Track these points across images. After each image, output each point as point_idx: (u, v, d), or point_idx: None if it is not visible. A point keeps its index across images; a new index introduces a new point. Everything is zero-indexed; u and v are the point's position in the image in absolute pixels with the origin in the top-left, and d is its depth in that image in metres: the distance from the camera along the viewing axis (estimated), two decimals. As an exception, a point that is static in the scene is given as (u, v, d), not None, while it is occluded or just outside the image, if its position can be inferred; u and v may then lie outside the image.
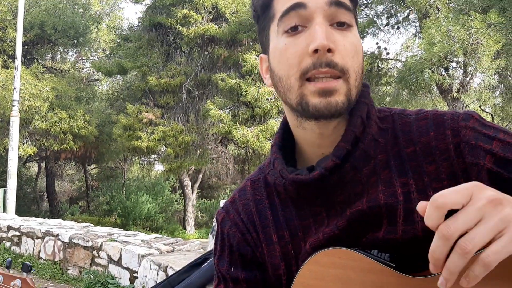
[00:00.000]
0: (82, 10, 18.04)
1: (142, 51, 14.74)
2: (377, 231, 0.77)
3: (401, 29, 13.96)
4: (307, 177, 0.78)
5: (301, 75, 0.74)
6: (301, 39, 0.74)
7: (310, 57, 0.72)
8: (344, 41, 0.74)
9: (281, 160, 0.84)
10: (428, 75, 9.56)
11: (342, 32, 0.75)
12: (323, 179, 0.77)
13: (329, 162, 0.76)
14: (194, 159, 14.34)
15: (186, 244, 6.34)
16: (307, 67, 0.73)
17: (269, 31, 0.81)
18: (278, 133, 0.90)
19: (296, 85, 0.75)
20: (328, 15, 0.74)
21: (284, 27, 0.76)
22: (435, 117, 0.80)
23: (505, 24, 4.89)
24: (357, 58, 0.76)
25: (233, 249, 0.90)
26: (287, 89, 0.77)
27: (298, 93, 0.75)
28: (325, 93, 0.73)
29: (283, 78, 0.77)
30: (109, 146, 17.59)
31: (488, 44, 8.70)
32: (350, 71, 0.74)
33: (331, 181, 0.78)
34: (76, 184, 27.18)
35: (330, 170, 0.76)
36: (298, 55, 0.74)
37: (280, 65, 0.78)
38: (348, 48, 0.74)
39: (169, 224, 18.81)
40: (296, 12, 0.74)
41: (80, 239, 6.47)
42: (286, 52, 0.76)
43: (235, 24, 12.77)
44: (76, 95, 16.49)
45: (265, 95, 11.75)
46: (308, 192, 0.80)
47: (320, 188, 0.79)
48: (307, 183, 0.78)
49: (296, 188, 0.81)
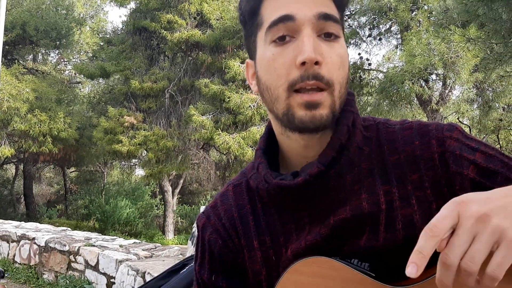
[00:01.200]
0: (66, 12, 17.86)
1: (125, 54, 14.65)
2: (359, 239, 0.77)
3: (383, 40, 14.16)
4: (291, 182, 0.78)
5: (288, 86, 0.74)
6: (289, 50, 0.74)
7: (298, 69, 0.73)
8: (331, 52, 0.75)
9: (266, 164, 0.84)
10: (409, 86, 9.71)
11: (329, 43, 0.75)
12: (307, 185, 0.77)
13: (314, 168, 0.77)
14: (175, 164, 14.26)
15: (165, 249, 6.29)
16: (295, 79, 0.73)
17: (256, 38, 0.81)
18: (263, 138, 0.90)
19: (283, 96, 0.75)
20: (316, 27, 0.74)
21: (271, 37, 0.76)
22: (419, 127, 0.81)
23: (484, 39, 5.01)
24: (343, 69, 0.76)
25: (214, 255, 0.89)
26: (275, 99, 0.77)
27: (285, 104, 0.75)
28: (311, 106, 0.73)
29: (271, 87, 0.77)
30: (89, 149, 17.38)
31: (467, 58, 8.88)
32: (335, 83, 0.74)
33: (315, 187, 0.78)
34: (54, 187, 26.77)
35: (314, 176, 0.76)
36: (286, 66, 0.74)
37: (267, 75, 0.78)
38: (335, 60, 0.75)
39: (148, 229, 18.63)
40: (284, 24, 0.74)
41: (57, 243, 6.37)
42: (274, 62, 0.76)
43: (220, 31, 12.79)
44: (57, 97, 16.27)
45: (247, 102, 11.77)
46: (291, 198, 0.80)
47: (304, 194, 0.79)
48: (291, 188, 0.78)
49: (280, 193, 0.80)
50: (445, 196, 0.75)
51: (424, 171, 0.77)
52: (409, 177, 0.78)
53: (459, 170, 0.75)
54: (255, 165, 0.87)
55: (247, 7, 0.82)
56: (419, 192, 0.77)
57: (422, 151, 0.78)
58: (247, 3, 0.81)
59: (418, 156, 0.78)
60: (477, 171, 0.75)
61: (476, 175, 0.75)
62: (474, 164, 0.75)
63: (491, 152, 0.76)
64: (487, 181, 0.74)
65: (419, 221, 0.75)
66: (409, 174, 0.78)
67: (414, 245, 0.75)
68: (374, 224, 0.77)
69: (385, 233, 0.76)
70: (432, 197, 0.76)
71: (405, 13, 11.05)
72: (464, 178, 0.75)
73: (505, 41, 4.59)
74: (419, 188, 0.77)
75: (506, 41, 4.58)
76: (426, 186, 0.77)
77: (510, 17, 4.38)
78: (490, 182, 0.74)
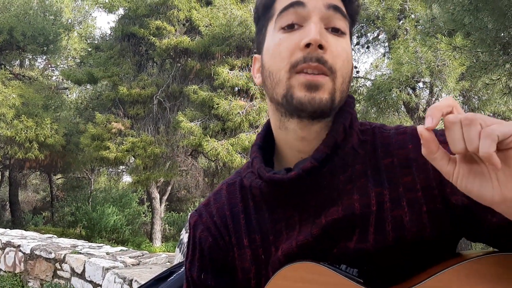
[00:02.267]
0: (53, 18, 17.74)
1: (114, 60, 14.59)
2: (349, 240, 0.77)
3: (371, 48, 14.29)
4: (284, 176, 0.78)
5: (290, 67, 0.75)
6: (295, 36, 0.76)
7: (302, 51, 0.74)
8: (336, 44, 0.76)
9: (260, 158, 0.85)
10: (396, 94, 9.80)
11: (335, 37, 0.77)
12: (299, 180, 0.77)
13: (307, 163, 0.77)
14: (163, 171, 14.19)
15: (153, 257, 6.24)
16: (298, 60, 0.74)
17: (266, 30, 0.83)
18: (260, 134, 0.91)
19: (285, 78, 0.76)
20: (325, 18, 0.76)
21: (281, 23, 0.78)
22: (414, 132, 0.82)
23: (470, 47, 5.07)
24: (347, 64, 0.78)
25: (204, 253, 0.89)
26: (276, 83, 0.78)
27: (286, 85, 0.76)
28: (311, 87, 0.74)
29: (273, 71, 0.78)
30: (76, 155, 17.21)
31: (453, 66, 8.99)
32: (338, 73, 0.75)
33: (307, 184, 0.78)
34: (40, 194, 26.47)
35: (307, 172, 0.77)
36: (290, 49, 0.76)
37: (272, 60, 0.79)
38: (340, 52, 0.76)
39: (136, 236, 18.48)
40: (295, 9, 0.76)
41: (43, 251, 6.29)
42: (280, 46, 0.77)
43: (209, 38, 12.80)
44: (44, 103, 16.12)
45: (236, 108, 11.77)
46: (283, 193, 0.81)
47: (296, 189, 0.79)
48: (283, 182, 0.78)
49: (272, 188, 0.81)
50: (435, 198, 0.75)
51: (416, 173, 0.78)
52: (401, 179, 0.79)
53: None
54: (250, 159, 0.88)
55: (262, 1, 0.84)
56: (410, 194, 0.77)
57: (416, 155, 0.79)
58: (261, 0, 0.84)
59: (411, 159, 0.79)
60: None
61: None
62: None
63: None
64: None
65: (409, 223, 0.75)
66: (402, 176, 0.79)
67: (403, 247, 0.75)
68: (364, 225, 0.77)
69: (374, 235, 0.76)
70: (423, 200, 0.76)
71: (393, 21, 11.16)
72: None
73: (490, 50, 4.65)
74: (411, 190, 0.77)
75: (491, 50, 4.65)
76: (417, 188, 0.77)
77: (495, 26, 4.45)
78: None
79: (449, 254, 0.75)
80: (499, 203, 0.57)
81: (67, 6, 19.12)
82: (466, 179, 0.59)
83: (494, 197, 0.57)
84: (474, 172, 0.59)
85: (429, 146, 0.60)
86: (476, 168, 0.59)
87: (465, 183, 0.60)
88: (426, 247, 0.75)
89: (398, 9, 11.18)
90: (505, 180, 0.56)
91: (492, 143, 0.53)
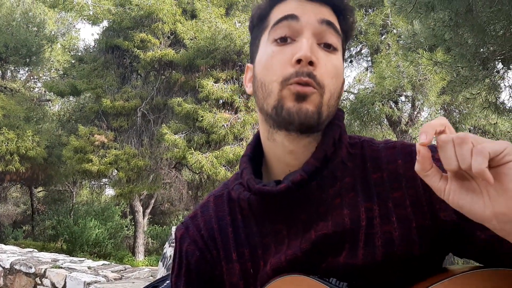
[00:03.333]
0: (37, 29, 17.61)
1: (97, 72, 14.51)
2: (339, 255, 0.77)
3: (354, 63, 14.48)
4: (273, 188, 0.78)
5: (283, 80, 0.76)
6: (288, 50, 0.77)
7: (293, 66, 0.75)
8: (327, 61, 0.77)
9: (250, 170, 0.84)
10: (379, 107, 9.91)
11: (327, 53, 0.78)
12: (288, 193, 0.77)
13: (297, 176, 0.77)
14: (147, 184, 14.08)
15: (135, 271, 6.16)
16: (290, 74, 0.75)
17: (259, 41, 0.84)
18: (250, 145, 0.91)
19: (276, 89, 0.77)
20: (317, 33, 0.77)
21: (274, 35, 0.79)
22: (403, 147, 0.83)
23: (450, 62, 5.16)
24: (336, 80, 0.78)
25: (190, 267, 0.88)
26: (267, 94, 0.78)
27: (277, 97, 0.77)
28: (300, 97, 0.75)
29: (265, 83, 0.79)
30: (58, 168, 16.99)
31: (434, 80, 9.14)
32: (326, 89, 0.76)
33: (296, 197, 0.78)
34: (21, 208, 25.96)
35: (297, 184, 0.77)
36: (282, 63, 0.77)
37: (264, 71, 0.80)
38: (329, 68, 0.77)
39: (118, 250, 18.22)
40: (288, 22, 0.78)
41: (23, 265, 6.17)
42: (272, 59, 0.78)
43: (193, 50, 12.83)
44: (26, 115, 15.93)
45: (221, 121, 11.78)
46: (272, 206, 0.80)
47: (285, 202, 0.79)
48: (273, 195, 0.78)
49: (261, 200, 0.80)
50: (425, 215, 0.76)
51: (405, 189, 0.78)
52: (390, 194, 0.79)
53: None
54: (240, 170, 0.87)
55: (257, 12, 0.86)
56: (400, 210, 0.78)
57: (405, 170, 0.79)
58: (258, 8, 0.85)
59: (400, 174, 0.79)
60: None
61: None
62: None
63: None
64: None
65: (398, 238, 0.76)
66: (391, 191, 0.79)
67: (392, 262, 0.76)
68: (354, 241, 0.77)
69: (364, 250, 0.76)
70: (413, 216, 0.77)
71: (375, 36, 11.33)
72: None
73: (470, 65, 4.74)
74: (400, 206, 0.78)
75: (471, 65, 4.74)
76: (407, 204, 0.78)
77: (475, 42, 4.54)
78: None
79: (436, 270, 0.76)
80: (490, 219, 0.59)
81: (51, 18, 19.00)
82: (458, 195, 0.61)
83: (485, 213, 0.59)
84: (466, 188, 0.61)
85: (424, 163, 0.62)
86: (467, 184, 0.61)
87: (456, 200, 0.61)
88: (414, 263, 0.76)
89: (380, 25, 11.37)
90: (496, 196, 0.58)
91: (484, 159, 0.55)
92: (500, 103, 5.62)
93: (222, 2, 13.62)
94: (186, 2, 13.90)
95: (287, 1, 0.81)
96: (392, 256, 0.75)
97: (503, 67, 5.07)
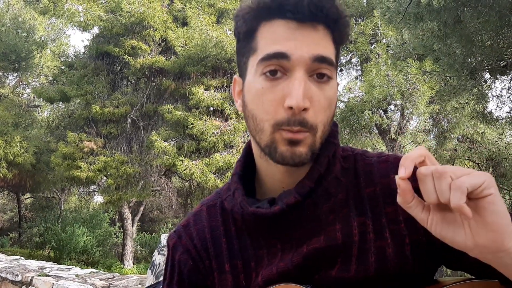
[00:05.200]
0: (26, 35, 17.51)
1: (87, 79, 14.45)
2: (331, 269, 0.77)
3: (344, 71, 14.59)
4: (268, 211, 0.78)
5: (274, 124, 0.74)
6: (279, 88, 0.74)
7: (285, 111, 0.73)
8: (320, 96, 0.75)
9: (242, 191, 0.83)
10: (368, 116, 9.97)
11: (320, 85, 0.75)
12: (282, 215, 0.77)
13: (291, 198, 0.77)
14: (136, 191, 13.99)
15: (124, 279, 6.12)
16: (282, 121, 0.74)
17: (248, 61, 0.80)
18: (240, 162, 0.89)
19: (269, 131, 0.75)
20: (310, 68, 0.74)
21: (263, 69, 0.75)
22: (396, 160, 0.83)
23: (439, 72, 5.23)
24: (329, 111, 0.77)
25: (183, 277, 0.87)
26: (260, 130, 0.77)
27: (270, 138, 0.75)
28: (292, 142, 0.74)
29: (257, 118, 0.77)
30: (46, 175, 16.85)
31: (423, 89, 9.23)
32: (319, 126, 0.75)
33: (290, 217, 0.78)
34: (7, 214, 25.66)
35: (291, 206, 0.77)
36: (274, 104, 0.74)
37: (254, 105, 0.77)
38: (322, 103, 0.75)
39: (106, 258, 18.06)
40: (278, 60, 0.74)
41: (9, 273, 6.09)
42: (263, 96, 0.75)
43: (184, 58, 12.84)
44: (14, 121, 15.79)
45: (211, 128, 11.78)
46: (266, 225, 0.80)
47: (279, 223, 0.79)
48: (267, 217, 0.78)
49: (255, 221, 0.80)
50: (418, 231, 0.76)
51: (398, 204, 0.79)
52: (384, 209, 0.79)
53: None
54: (232, 191, 0.86)
55: (243, 27, 0.80)
56: (393, 225, 0.78)
57: None
58: (244, 24, 0.79)
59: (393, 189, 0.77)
60: None
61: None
62: None
63: None
64: None
65: (391, 254, 0.76)
66: (384, 206, 0.79)
67: (384, 277, 0.76)
68: (346, 255, 0.77)
69: (356, 265, 0.76)
70: (406, 231, 0.77)
71: (365, 45, 11.44)
72: None
73: (458, 74, 4.80)
74: (393, 222, 0.78)
75: (459, 74, 4.80)
76: (400, 219, 0.78)
77: (463, 52, 4.60)
78: None
79: (427, 282, 0.76)
80: (471, 249, 0.60)
81: (41, 24, 18.91)
82: (440, 226, 0.62)
83: (467, 243, 0.60)
84: (448, 219, 0.62)
85: (405, 196, 0.63)
86: (449, 216, 0.62)
87: (439, 230, 0.62)
88: (406, 278, 0.76)
89: (370, 34, 11.48)
90: (476, 227, 0.59)
91: (462, 195, 0.56)
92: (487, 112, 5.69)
93: (213, 10, 13.67)
94: (177, 10, 13.93)
95: (274, 22, 0.75)
96: (385, 272, 0.76)
97: (490, 77, 5.14)
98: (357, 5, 12.01)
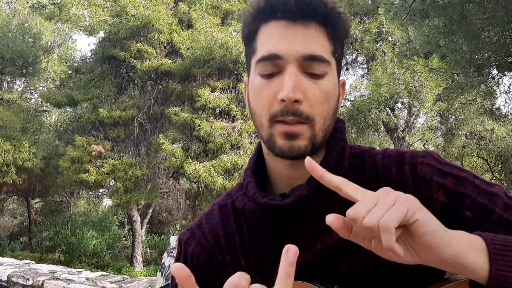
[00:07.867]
0: (33, 40, 17.64)
1: (94, 83, 14.52)
2: (342, 263, 0.79)
3: (350, 70, 14.52)
4: (280, 203, 0.79)
5: (270, 117, 0.77)
6: (273, 84, 0.77)
7: (279, 104, 0.76)
8: (315, 89, 0.77)
9: (255, 184, 0.85)
10: (375, 114, 9.94)
11: (314, 80, 0.77)
12: (295, 207, 0.78)
13: (303, 191, 0.78)
14: (144, 193, 14.04)
15: (134, 282, 6.14)
16: (276, 113, 0.76)
17: (250, 61, 0.84)
18: (253, 158, 0.91)
19: (266, 125, 0.78)
20: (302, 65, 0.77)
21: (259, 70, 0.79)
22: (397, 155, 0.84)
23: (446, 69, 5.20)
24: (327, 104, 0.79)
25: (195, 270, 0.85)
26: (260, 125, 0.80)
27: (268, 132, 0.78)
28: (290, 136, 0.76)
29: (256, 114, 0.81)
30: (55, 179, 16.94)
31: (430, 87, 9.19)
32: (317, 118, 0.77)
33: (302, 211, 0.79)
34: (17, 219, 25.84)
35: (303, 199, 0.78)
36: (269, 98, 0.77)
37: (254, 102, 0.81)
38: (318, 96, 0.77)
39: (116, 261, 18.12)
40: (272, 61, 0.77)
41: (20, 277, 6.13)
42: (260, 93, 0.79)
43: (190, 60, 12.87)
44: (22, 126, 15.91)
45: (218, 130, 11.79)
46: (278, 219, 0.81)
47: (291, 216, 0.80)
48: (279, 209, 0.79)
49: (267, 214, 0.81)
50: None
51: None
52: None
53: (429, 194, 0.78)
54: (244, 184, 0.88)
55: (245, 31, 0.84)
56: None
57: (398, 177, 0.81)
58: (246, 27, 0.84)
59: (394, 182, 0.81)
60: (447, 194, 0.78)
61: (446, 198, 0.77)
62: (444, 187, 0.78)
63: (463, 175, 0.79)
64: (455, 205, 0.77)
65: None
66: None
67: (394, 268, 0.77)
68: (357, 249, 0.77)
69: (367, 257, 0.77)
70: None
71: (371, 44, 11.41)
72: (434, 201, 0.78)
73: (465, 71, 4.78)
74: None
75: (466, 71, 4.77)
76: None
77: (469, 48, 4.58)
78: (458, 205, 0.77)
79: (437, 277, 0.77)
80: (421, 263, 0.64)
81: (47, 29, 19.04)
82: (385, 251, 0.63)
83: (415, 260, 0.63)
84: None
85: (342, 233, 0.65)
86: None
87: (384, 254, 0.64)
88: (416, 269, 0.76)
89: (375, 32, 11.44)
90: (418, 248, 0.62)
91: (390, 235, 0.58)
92: (496, 108, 5.65)
93: (217, 12, 13.69)
94: (182, 12, 13.96)
95: (270, 24, 0.79)
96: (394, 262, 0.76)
97: (498, 73, 5.10)
98: (362, 3, 11.96)
